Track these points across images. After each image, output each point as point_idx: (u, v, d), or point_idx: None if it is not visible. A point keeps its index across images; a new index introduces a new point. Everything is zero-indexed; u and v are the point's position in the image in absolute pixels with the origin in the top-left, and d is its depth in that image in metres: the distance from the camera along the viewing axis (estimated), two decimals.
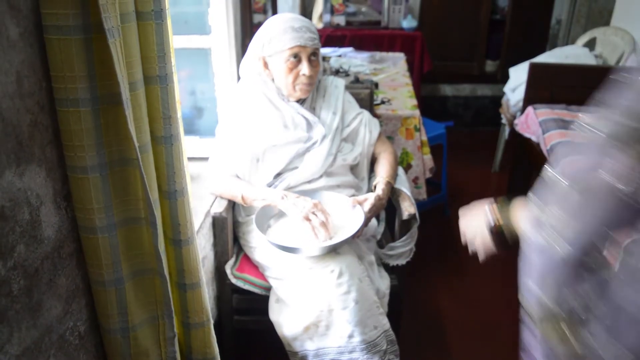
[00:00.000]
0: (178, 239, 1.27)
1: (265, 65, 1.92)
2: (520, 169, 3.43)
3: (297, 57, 1.87)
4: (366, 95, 2.36)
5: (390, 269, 1.97)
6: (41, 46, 0.98)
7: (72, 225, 1.11)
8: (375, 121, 2.16)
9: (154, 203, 1.13)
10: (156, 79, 1.12)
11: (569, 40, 4.64)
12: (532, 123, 3.13)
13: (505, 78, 3.81)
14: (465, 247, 1.29)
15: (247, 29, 2.36)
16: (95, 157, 1.03)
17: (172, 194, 1.22)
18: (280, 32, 1.86)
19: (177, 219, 1.25)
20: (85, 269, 1.14)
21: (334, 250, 1.74)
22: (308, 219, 1.74)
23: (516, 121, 3.29)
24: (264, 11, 3.94)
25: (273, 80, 1.95)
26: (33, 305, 1.02)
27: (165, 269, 1.20)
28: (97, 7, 0.93)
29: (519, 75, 3.54)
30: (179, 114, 1.30)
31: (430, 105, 4.64)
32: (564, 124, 2.93)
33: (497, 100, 4.07)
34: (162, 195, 1.21)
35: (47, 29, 0.96)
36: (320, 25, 4.18)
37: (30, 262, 1.00)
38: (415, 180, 2.58)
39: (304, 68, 1.88)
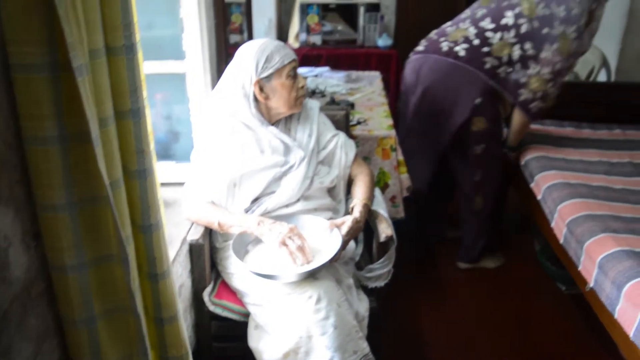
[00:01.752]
0: (154, 272, 1.25)
1: (261, 88, 1.90)
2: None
3: (294, 72, 1.90)
4: (342, 117, 2.36)
5: (369, 291, 1.96)
6: (8, 84, 0.96)
7: (42, 265, 1.09)
8: (351, 143, 2.17)
9: (126, 239, 1.11)
10: (128, 114, 1.11)
11: None
12: None
13: None
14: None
15: (222, 53, 2.36)
16: (64, 195, 1.01)
17: (147, 228, 1.20)
18: (275, 50, 1.87)
19: (153, 252, 1.23)
20: (57, 309, 1.12)
21: (311, 276, 1.73)
22: (285, 244, 1.73)
23: None
24: (240, 31, 3.95)
25: (265, 103, 1.93)
26: (2, 349, 0.99)
27: (139, 306, 1.18)
28: (65, 45, 0.92)
29: None
30: (152, 147, 1.29)
31: None
32: (538, 139, 2.98)
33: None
34: (137, 230, 1.20)
35: (14, 67, 0.94)
36: (296, 45, 4.20)
37: None
38: (392, 199, 2.59)
39: (301, 80, 1.94)
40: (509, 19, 2.55)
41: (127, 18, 1.07)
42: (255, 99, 1.90)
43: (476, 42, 2.62)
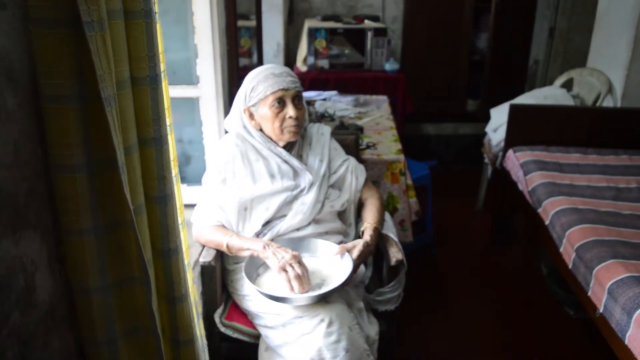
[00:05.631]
0: (172, 296, 1.27)
1: (251, 116, 1.95)
2: (504, 207, 3.49)
3: (281, 102, 1.91)
4: (352, 141, 2.40)
5: (379, 315, 1.97)
6: (38, 114, 1.00)
7: (66, 288, 1.11)
8: (362, 167, 2.20)
9: (147, 262, 1.14)
10: (151, 142, 1.14)
11: (547, 80, 4.77)
12: (512, 165, 3.19)
13: (485, 116, 3.89)
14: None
15: (234, 78, 2.40)
16: (90, 220, 1.04)
17: (166, 252, 1.23)
18: (262, 80, 1.91)
19: (171, 277, 1.26)
20: (78, 331, 1.14)
21: (323, 299, 1.75)
22: (284, 270, 1.74)
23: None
24: (249, 55, 4.00)
25: (260, 130, 1.98)
26: None
27: (159, 326, 1.20)
28: (95, 77, 0.95)
29: (499, 116, 3.62)
30: (174, 173, 1.32)
31: (413, 144, 4.71)
32: (544, 165, 3.00)
33: (478, 139, 4.14)
34: (156, 254, 1.22)
35: (44, 98, 0.98)
36: (304, 69, 4.25)
37: (24, 328, 1.00)
38: (401, 223, 2.61)
39: (289, 110, 1.92)
40: None
41: (152, 50, 1.11)
42: None
43: None
